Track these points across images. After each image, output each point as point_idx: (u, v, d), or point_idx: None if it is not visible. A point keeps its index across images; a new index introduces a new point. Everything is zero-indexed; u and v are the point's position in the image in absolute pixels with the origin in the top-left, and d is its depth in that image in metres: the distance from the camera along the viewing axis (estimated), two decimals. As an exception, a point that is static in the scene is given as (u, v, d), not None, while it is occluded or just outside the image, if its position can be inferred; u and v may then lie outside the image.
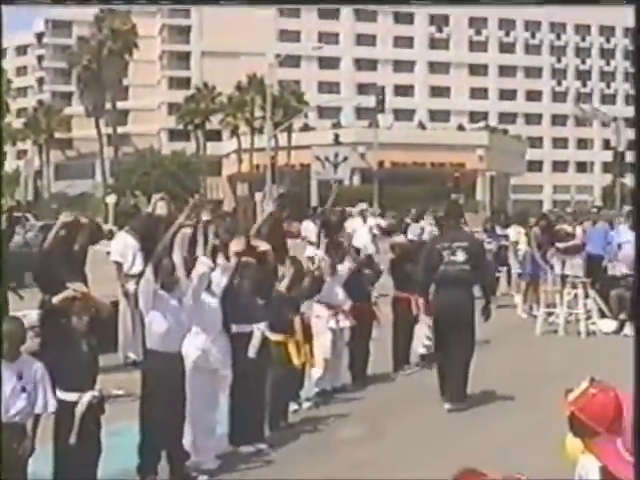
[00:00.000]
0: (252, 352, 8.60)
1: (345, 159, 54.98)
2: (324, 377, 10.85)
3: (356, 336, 11.55)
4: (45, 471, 6.83)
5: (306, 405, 10.38)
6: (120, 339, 13.20)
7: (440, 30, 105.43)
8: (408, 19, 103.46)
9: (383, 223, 21.64)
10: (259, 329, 8.66)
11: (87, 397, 6.58)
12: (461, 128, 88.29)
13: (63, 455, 6.53)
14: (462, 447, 8.79)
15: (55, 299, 7.05)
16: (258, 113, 76.35)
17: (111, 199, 63.54)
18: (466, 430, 9.55)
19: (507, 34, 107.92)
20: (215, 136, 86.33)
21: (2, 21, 10.47)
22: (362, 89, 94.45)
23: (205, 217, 8.48)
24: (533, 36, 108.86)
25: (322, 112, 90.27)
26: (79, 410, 6.51)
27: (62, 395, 6.58)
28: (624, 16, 75.65)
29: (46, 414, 6.51)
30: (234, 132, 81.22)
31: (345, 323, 11.15)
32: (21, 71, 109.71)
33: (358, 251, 12.57)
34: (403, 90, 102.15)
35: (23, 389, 6.39)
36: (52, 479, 6.71)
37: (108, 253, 13.82)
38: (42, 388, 6.45)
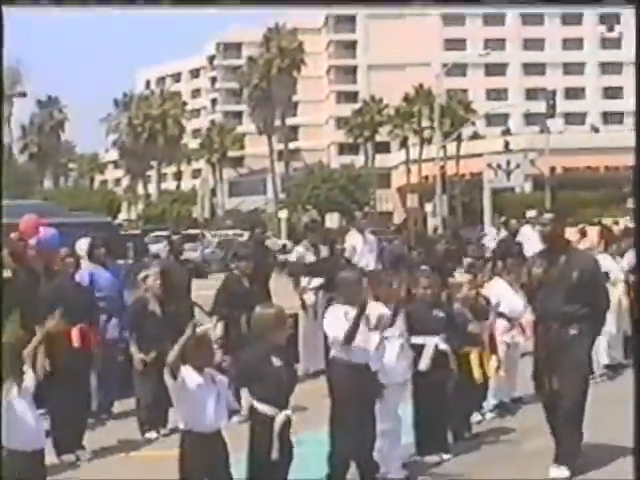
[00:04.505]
0: (423, 365, 8.61)
1: (518, 166, 54.30)
2: (501, 389, 10.66)
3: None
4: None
5: (489, 416, 10.26)
6: (300, 351, 13.44)
7: (611, 29, 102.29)
8: (576, 19, 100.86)
9: None
10: (431, 343, 8.66)
11: (282, 417, 6.56)
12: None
13: (257, 463, 6.58)
14: None
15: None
16: (426, 123, 76.17)
17: (283, 214, 64.83)
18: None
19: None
20: (384, 148, 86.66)
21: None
22: (531, 94, 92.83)
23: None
24: None
25: (490, 120, 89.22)
26: (276, 428, 6.49)
27: (259, 405, 6.61)
28: None
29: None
30: (403, 143, 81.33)
31: (519, 338, 10.84)
32: (195, 93, 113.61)
33: None
34: (574, 93, 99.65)
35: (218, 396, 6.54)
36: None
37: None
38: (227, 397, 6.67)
